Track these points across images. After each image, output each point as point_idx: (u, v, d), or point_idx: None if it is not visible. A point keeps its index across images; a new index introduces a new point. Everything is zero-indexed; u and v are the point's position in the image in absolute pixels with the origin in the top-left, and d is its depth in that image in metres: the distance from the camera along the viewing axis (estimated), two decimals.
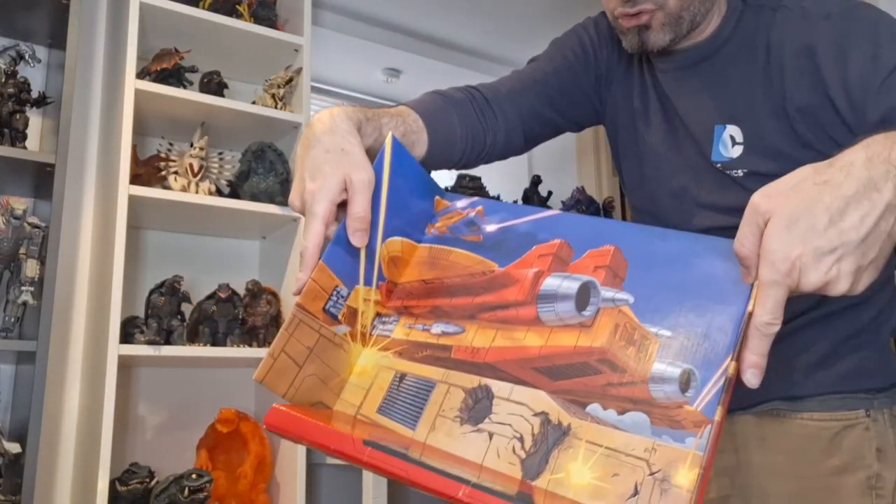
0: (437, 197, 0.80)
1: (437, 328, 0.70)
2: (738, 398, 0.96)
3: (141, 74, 1.84)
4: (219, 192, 1.91)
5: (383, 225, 0.72)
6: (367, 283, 0.72)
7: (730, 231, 0.73)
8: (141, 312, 1.82)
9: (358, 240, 0.69)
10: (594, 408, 0.61)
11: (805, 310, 0.96)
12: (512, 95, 1.07)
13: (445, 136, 0.96)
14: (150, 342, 1.70)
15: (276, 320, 1.89)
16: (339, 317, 0.69)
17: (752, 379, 0.58)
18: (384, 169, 0.73)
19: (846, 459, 0.92)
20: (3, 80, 1.73)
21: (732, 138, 0.96)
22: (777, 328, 0.57)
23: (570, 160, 2.78)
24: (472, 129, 1.01)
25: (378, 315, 0.73)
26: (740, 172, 0.95)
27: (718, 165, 0.97)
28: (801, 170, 0.61)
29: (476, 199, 0.79)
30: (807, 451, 0.94)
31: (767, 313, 0.57)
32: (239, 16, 2.01)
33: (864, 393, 0.94)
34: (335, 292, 0.68)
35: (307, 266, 0.68)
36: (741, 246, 0.60)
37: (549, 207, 2.38)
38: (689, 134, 1.01)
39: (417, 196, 0.78)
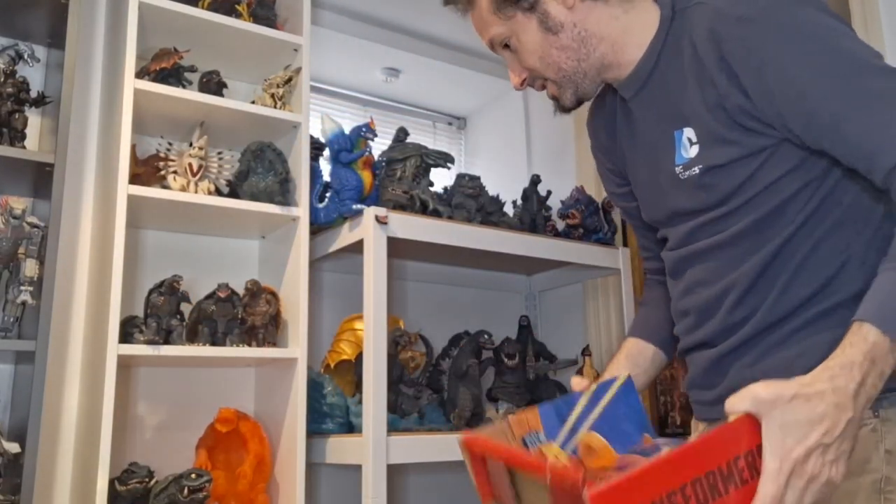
0: (647, 435, 0.94)
1: None
2: None
3: (140, 74, 1.83)
4: (218, 192, 1.90)
5: (593, 420, 0.90)
6: (562, 445, 0.88)
7: (694, 235, 1.00)
8: (140, 312, 1.82)
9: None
10: None
11: (804, 302, 0.95)
12: (645, 235, 1.24)
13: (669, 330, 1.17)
14: (149, 342, 1.70)
15: (275, 320, 1.89)
16: (530, 450, 0.87)
17: None
18: (611, 388, 0.94)
19: (851, 463, 0.87)
20: (2, 79, 1.73)
21: (689, 140, 1.00)
22: None
23: (569, 160, 2.78)
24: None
25: None
26: (696, 170, 1.00)
27: (679, 168, 1.02)
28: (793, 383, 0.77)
29: (674, 440, 0.92)
30: None
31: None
32: (238, 15, 2.01)
33: None
34: (535, 434, 0.88)
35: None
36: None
37: (549, 208, 2.38)
38: (658, 149, 1.06)
39: (629, 423, 0.94)
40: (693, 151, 1.00)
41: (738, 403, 0.77)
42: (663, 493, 0.69)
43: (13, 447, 1.55)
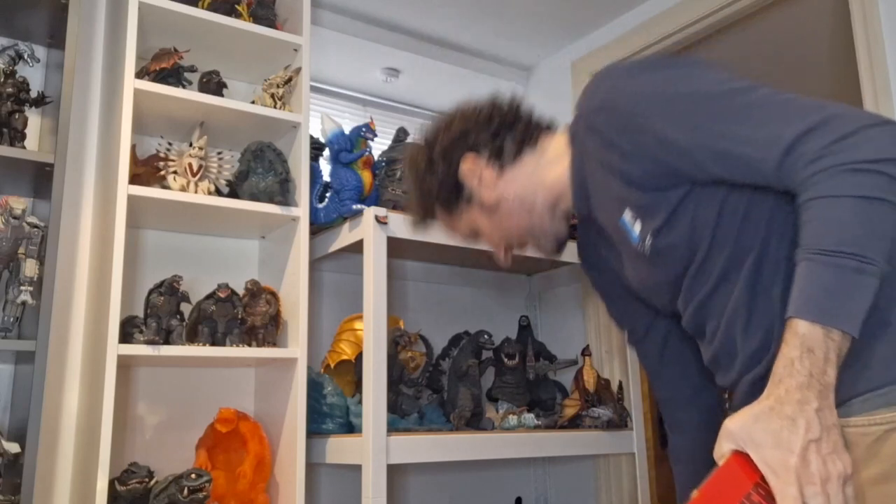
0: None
1: None
2: None
3: (140, 74, 1.83)
4: (218, 192, 1.90)
5: None
6: None
7: (690, 293, 1.07)
8: (140, 312, 1.82)
9: None
10: None
11: None
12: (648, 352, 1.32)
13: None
14: (149, 342, 1.70)
15: (275, 320, 1.89)
16: None
17: None
18: None
19: (885, 467, 0.87)
20: (2, 79, 1.73)
21: (632, 219, 1.08)
22: None
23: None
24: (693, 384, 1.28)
25: None
26: (649, 239, 1.07)
27: (639, 246, 1.09)
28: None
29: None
30: None
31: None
32: (238, 15, 2.01)
33: None
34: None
35: None
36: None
37: None
38: (622, 242, 1.14)
39: None
40: (638, 227, 1.07)
41: (718, 448, 0.81)
42: None
43: (13, 447, 1.55)
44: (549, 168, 1.18)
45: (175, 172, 1.84)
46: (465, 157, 1.20)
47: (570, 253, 2.28)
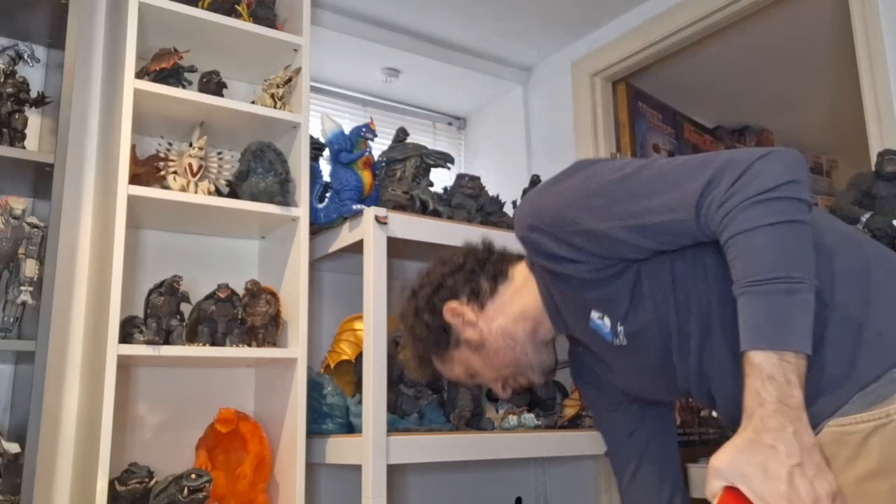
0: None
1: None
2: None
3: (140, 74, 1.83)
4: (218, 192, 1.90)
5: None
6: None
7: (681, 362, 1.09)
8: (140, 312, 1.82)
9: None
10: None
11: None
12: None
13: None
14: (149, 342, 1.70)
15: (275, 320, 1.89)
16: None
17: None
18: None
19: (874, 464, 0.89)
20: (2, 79, 1.73)
21: (598, 318, 1.12)
22: None
23: (569, 160, 2.77)
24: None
25: None
26: (621, 330, 1.10)
27: (615, 342, 1.12)
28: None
29: None
30: (834, 460, 0.91)
31: None
32: (238, 15, 2.01)
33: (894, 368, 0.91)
34: None
35: None
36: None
37: None
38: (602, 348, 1.17)
39: None
40: (607, 322, 1.11)
41: (709, 488, 0.85)
42: None
43: (13, 447, 1.55)
44: (519, 297, 1.23)
45: (175, 172, 1.84)
46: (447, 303, 1.25)
47: None
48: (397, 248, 1.95)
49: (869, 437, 0.90)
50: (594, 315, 1.12)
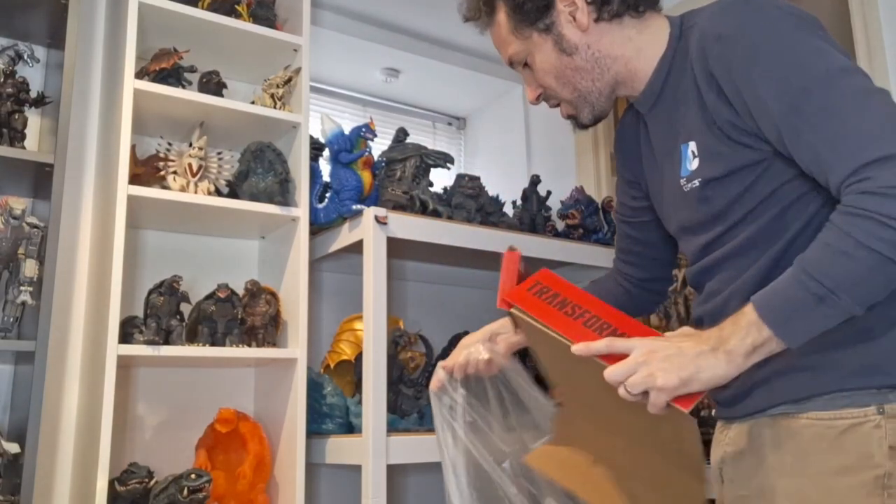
0: None
1: None
2: (753, 403, 1.01)
3: (140, 74, 1.83)
4: (218, 192, 1.90)
5: None
6: None
7: (705, 250, 1.09)
8: (140, 312, 1.82)
9: None
10: None
11: None
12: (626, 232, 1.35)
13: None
14: (149, 342, 1.70)
15: (274, 320, 1.89)
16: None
17: None
18: None
19: (849, 460, 0.91)
20: (2, 79, 1.73)
21: (693, 153, 1.05)
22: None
23: (569, 160, 2.78)
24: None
25: None
26: (697, 182, 1.05)
27: (683, 180, 1.07)
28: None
29: None
30: (812, 452, 0.94)
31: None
32: (238, 15, 2.01)
33: (875, 389, 0.92)
34: None
35: None
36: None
37: (549, 209, 2.38)
38: (668, 162, 1.12)
39: None
40: (695, 164, 1.04)
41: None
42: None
43: (13, 447, 1.55)
44: (642, 49, 1.10)
45: (175, 172, 1.84)
46: None
47: (569, 252, 2.29)
48: (397, 248, 1.94)
49: (846, 433, 0.92)
50: (692, 146, 1.05)
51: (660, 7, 1.14)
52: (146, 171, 1.92)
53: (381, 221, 1.83)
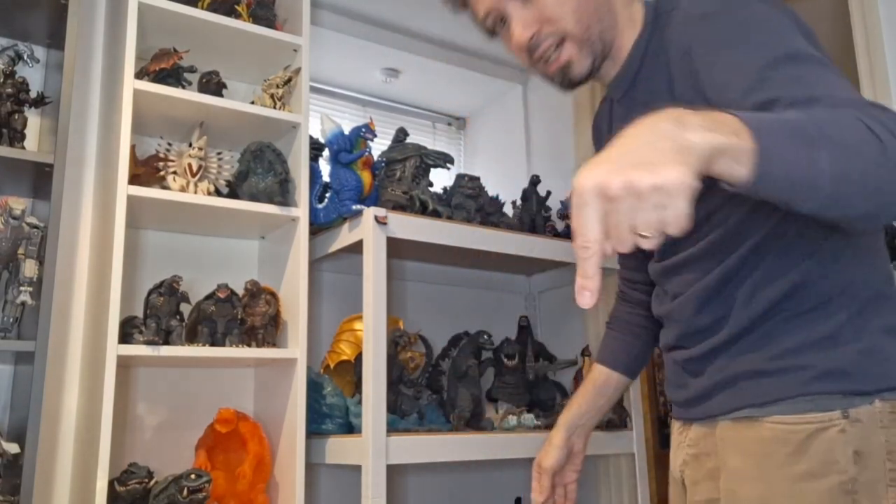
0: None
1: None
2: (716, 405, 1.00)
3: (139, 74, 1.83)
4: (217, 192, 1.90)
5: None
6: None
7: (669, 250, 1.05)
8: (140, 312, 1.82)
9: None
10: None
11: (773, 306, 0.95)
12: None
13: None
14: (148, 342, 1.70)
15: (274, 320, 1.89)
16: None
17: (583, 301, 0.68)
18: None
19: (813, 465, 0.89)
20: (2, 80, 1.73)
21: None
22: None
23: (569, 160, 2.78)
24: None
25: None
26: None
27: None
28: None
29: None
30: (774, 456, 0.92)
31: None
32: (237, 16, 2.01)
33: (840, 394, 0.90)
34: None
35: None
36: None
37: (548, 209, 2.38)
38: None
39: None
40: None
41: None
42: None
43: (13, 447, 1.55)
44: (625, 24, 1.06)
45: (175, 173, 1.84)
46: None
47: (570, 253, 2.30)
48: (397, 248, 1.95)
49: (811, 438, 0.90)
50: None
51: None
52: (146, 171, 1.92)
53: (380, 221, 1.83)
